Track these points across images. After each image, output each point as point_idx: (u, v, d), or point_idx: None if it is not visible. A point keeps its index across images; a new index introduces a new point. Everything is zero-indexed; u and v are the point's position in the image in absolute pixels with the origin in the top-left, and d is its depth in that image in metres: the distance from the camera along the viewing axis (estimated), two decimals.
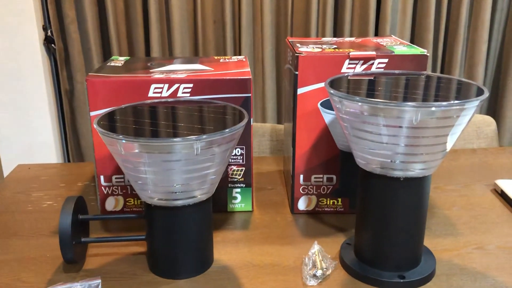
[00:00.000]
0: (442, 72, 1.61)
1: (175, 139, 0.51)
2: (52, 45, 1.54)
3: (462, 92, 0.55)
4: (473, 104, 0.50)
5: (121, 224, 0.72)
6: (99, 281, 0.57)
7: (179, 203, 0.57)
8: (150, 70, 0.72)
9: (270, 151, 1.11)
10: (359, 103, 0.51)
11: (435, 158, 0.54)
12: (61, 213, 0.58)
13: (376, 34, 1.49)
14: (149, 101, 0.67)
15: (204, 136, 0.52)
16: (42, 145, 1.64)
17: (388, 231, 0.57)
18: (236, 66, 0.75)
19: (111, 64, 0.77)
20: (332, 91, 0.54)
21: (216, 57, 0.84)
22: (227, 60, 0.80)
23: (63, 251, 0.57)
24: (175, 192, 0.57)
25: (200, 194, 0.58)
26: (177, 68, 0.74)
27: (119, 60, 0.81)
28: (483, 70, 1.57)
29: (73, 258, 0.58)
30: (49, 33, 1.54)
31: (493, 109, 1.69)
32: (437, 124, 0.50)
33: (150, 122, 0.59)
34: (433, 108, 0.49)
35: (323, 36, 1.49)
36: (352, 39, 0.83)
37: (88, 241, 0.61)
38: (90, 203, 0.79)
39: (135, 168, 0.56)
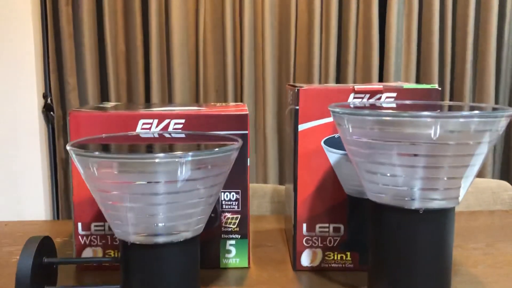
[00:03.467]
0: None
1: (157, 155, 0.45)
2: (51, 112, 1.52)
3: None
4: (502, 114, 0.44)
5: (99, 276, 0.63)
6: None
7: (160, 240, 0.49)
8: (141, 109, 0.67)
9: (271, 213, 1.03)
10: (368, 118, 0.45)
11: (458, 185, 0.47)
12: (21, 254, 0.49)
13: (381, 77, 1.47)
14: (134, 132, 0.61)
15: (191, 154, 0.45)
16: (32, 213, 1.55)
17: (407, 277, 0.48)
18: (234, 107, 0.70)
19: (101, 105, 0.72)
20: (337, 109, 0.48)
21: (214, 103, 0.79)
22: (225, 105, 0.76)
23: None
24: (157, 225, 0.49)
25: (185, 230, 0.50)
26: (170, 108, 0.69)
27: (110, 103, 0.76)
28: None
29: None
30: (48, 101, 1.52)
31: (506, 173, 1.61)
32: (460, 140, 0.44)
33: (133, 149, 0.53)
34: (456, 120, 0.43)
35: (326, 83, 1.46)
36: (356, 84, 0.79)
37: None
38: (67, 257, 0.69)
39: (112, 196, 0.49)
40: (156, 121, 0.63)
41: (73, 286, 0.53)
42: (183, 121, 0.63)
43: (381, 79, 1.52)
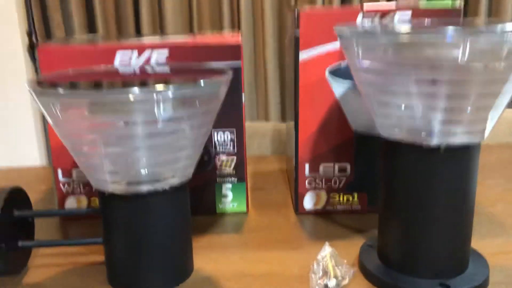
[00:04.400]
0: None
1: (132, 90, 0.38)
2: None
3: None
4: None
5: (87, 227, 0.58)
6: None
7: (144, 189, 0.43)
8: (120, 40, 0.60)
9: (272, 154, 0.97)
10: (382, 39, 0.37)
11: (486, 117, 0.40)
12: None
13: None
14: (110, 66, 0.54)
15: (172, 88, 0.38)
16: (26, 157, 1.50)
17: (424, 223, 0.42)
18: (227, 36, 0.62)
19: (75, 38, 0.64)
20: (345, 30, 0.40)
21: (207, 32, 0.71)
22: (219, 34, 0.67)
23: None
24: (138, 172, 0.42)
25: (171, 176, 0.44)
26: (154, 39, 0.61)
27: (89, 36, 0.68)
28: None
29: (3, 267, 0.44)
30: (33, 39, 1.43)
31: None
32: (490, 62, 0.36)
33: (107, 86, 0.46)
34: (491, 36, 0.35)
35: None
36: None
37: (27, 245, 0.47)
38: (49, 207, 0.64)
39: (81, 140, 0.42)
40: (135, 52, 0.55)
41: (51, 241, 0.48)
42: (166, 51, 0.55)
43: None
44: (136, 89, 0.39)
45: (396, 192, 0.44)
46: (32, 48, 1.52)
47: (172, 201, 0.45)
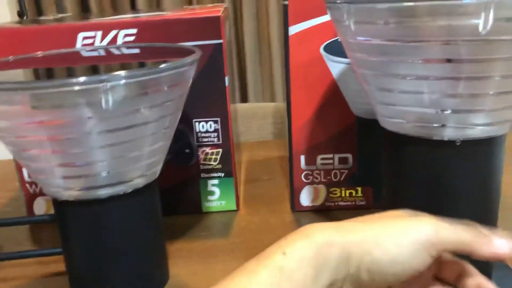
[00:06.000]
0: None
1: (75, 80, 0.31)
2: None
3: None
4: None
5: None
6: None
7: (103, 193, 0.36)
8: (86, 19, 0.52)
9: (273, 137, 0.89)
10: (381, 5, 0.29)
11: (511, 104, 0.32)
12: None
13: None
14: (69, 50, 0.46)
15: (123, 75, 0.31)
16: None
17: None
18: (208, 8, 0.54)
19: (44, 18, 0.57)
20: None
21: (189, 7, 0.63)
22: (200, 7, 0.59)
23: None
24: (95, 175, 0.36)
25: (135, 177, 0.37)
26: (122, 16, 0.53)
27: (58, 15, 0.61)
28: None
29: None
30: (24, 19, 1.36)
31: None
32: None
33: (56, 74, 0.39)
34: None
35: None
36: None
37: None
38: (19, 208, 0.59)
39: (25, 142, 0.36)
40: (100, 33, 0.47)
41: (8, 253, 0.43)
42: (134, 31, 0.47)
43: None
44: (82, 78, 0.32)
45: (403, 190, 0.37)
46: None
47: (137, 205, 0.38)
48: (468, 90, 0.31)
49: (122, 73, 0.32)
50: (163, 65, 0.34)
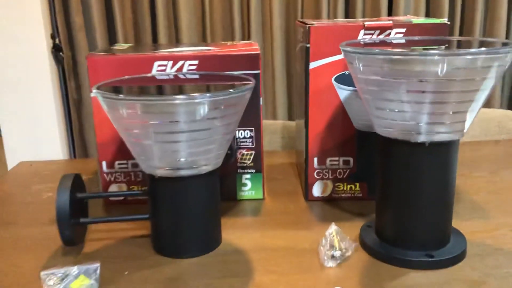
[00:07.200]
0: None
1: (178, 97, 0.47)
2: (60, 53, 1.53)
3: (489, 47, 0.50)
4: (509, 49, 0.46)
5: (125, 209, 0.68)
6: (98, 265, 0.52)
7: (183, 173, 0.53)
8: (155, 50, 0.69)
9: (282, 148, 1.06)
10: (378, 56, 0.47)
11: (464, 119, 0.49)
12: (58, 190, 0.54)
13: (390, 10, 1.44)
14: (153, 74, 0.63)
15: (208, 95, 0.48)
16: (50, 154, 1.60)
17: (413, 205, 0.52)
18: (244, 45, 0.72)
19: (115, 47, 0.74)
20: (348, 49, 0.50)
21: (223, 42, 0.80)
22: (235, 43, 0.77)
23: (60, 230, 0.53)
24: (179, 160, 0.52)
25: (205, 164, 0.54)
26: (183, 49, 0.71)
27: (123, 45, 0.78)
28: None
29: (71, 238, 0.54)
30: (57, 41, 1.52)
31: None
32: (466, 76, 0.46)
33: (155, 91, 0.56)
34: (463, 57, 0.44)
35: (335, 18, 1.45)
36: (366, 19, 0.79)
37: (87, 222, 0.57)
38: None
39: (138, 135, 0.52)
40: (170, 62, 0.64)
41: (107, 217, 0.58)
42: (196, 62, 0.65)
43: (390, 12, 1.49)
44: (181, 96, 0.49)
45: (390, 181, 0.54)
46: (56, 50, 1.62)
47: (206, 183, 0.55)
48: (435, 110, 0.48)
49: (208, 94, 0.49)
50: (231, 90, 0.51)
